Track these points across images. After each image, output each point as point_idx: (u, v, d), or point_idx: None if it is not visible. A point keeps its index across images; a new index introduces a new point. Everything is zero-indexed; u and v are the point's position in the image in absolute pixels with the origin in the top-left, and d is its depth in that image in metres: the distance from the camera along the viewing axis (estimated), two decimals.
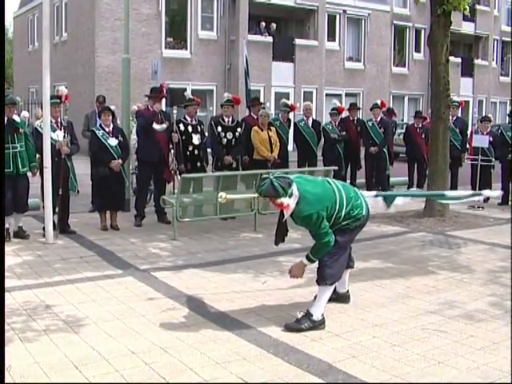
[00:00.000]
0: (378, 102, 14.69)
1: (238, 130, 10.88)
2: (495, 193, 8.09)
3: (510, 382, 4.48)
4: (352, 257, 6.20)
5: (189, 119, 10.63)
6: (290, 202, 5.29)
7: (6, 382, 4.08)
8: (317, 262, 5.60)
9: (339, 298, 6.20)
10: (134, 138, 11.77)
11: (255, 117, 11.62)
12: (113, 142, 9.67)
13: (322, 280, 5.57)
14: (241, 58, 23.97)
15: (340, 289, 6.15)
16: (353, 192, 5.72)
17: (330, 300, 5.79)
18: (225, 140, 10.72)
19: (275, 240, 5.99)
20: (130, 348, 5.01)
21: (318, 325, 5.52)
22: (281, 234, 5.86)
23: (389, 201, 6.51)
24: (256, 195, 6.05)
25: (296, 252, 8.08)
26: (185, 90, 13.68)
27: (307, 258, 5.56)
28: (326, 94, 29.64)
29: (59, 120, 9.42)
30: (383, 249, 8.84)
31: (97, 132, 9.69)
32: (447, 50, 11.14)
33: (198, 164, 10.59)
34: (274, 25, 28.90)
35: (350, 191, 5.69)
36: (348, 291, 6.30)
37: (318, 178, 6.00)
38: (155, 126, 10.16)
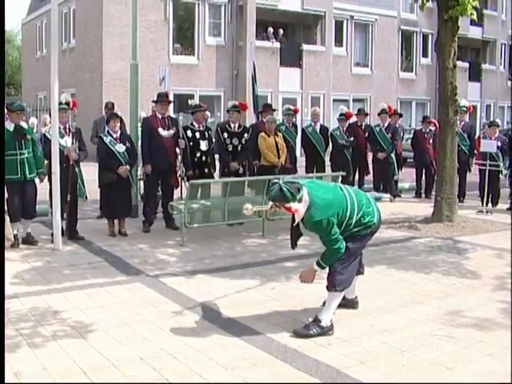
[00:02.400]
0: (385, 105, 14.70)
1: (245, 135, 10.88)
2: None
3: (510, 382, 4.46)
4: (362, 263, 6.19)
5: (196, 125, 10.63)
6: (299, 207, 5.29)
7: (6, 381, 4.08)
8: (327, 268, 5.59)
9: (348, 303, 6.17)
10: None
11: None
12: (120, 148, 9.69)
13: (331, 286, 5.55)
14: (248, 63, 24.00)
15: (349, 295, 6.12)
16: (365, 199, 5.69)
17: (339, 306, 5.78)
18: (231, 146, 10.71)
19: (291, 244, 6.01)
20: (139, 354, 5.01)
21: (327, 331, 5.51)
22: (296, 237, 5.89)
23: None
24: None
25: (304, 258, 8.07)
26: (191, 97, 13.71)
27: (317, 263, 5.55)
28: (334, 100, 29.64)
29: (67, 126, 9.45)
30: (391, 254, 8.82)
31: (104, 138, 9.71)
32: (455, 54, 11.11)
33: (206, 170, 10.58)
34: (281, 30, 28.95)
35: (362, 198, 5.66)
36: (356, 297, 6.28)
37: (330, 184, 5.95)
38: (162, 132, 10.18)
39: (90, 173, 10.53)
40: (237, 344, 5.29)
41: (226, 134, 10.73)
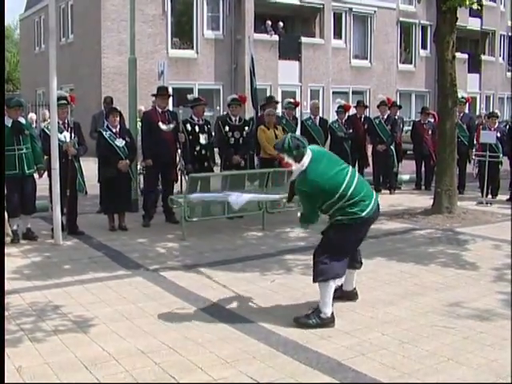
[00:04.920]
0: (384, 97, 14.69)
1: (246, 128, 10.89)
2: None
3: (510, 382, 4.45)
4: (359, 258, 6.13)
5: (196, 119, 10.62)
6: (291, 163, 5.42)
7: (6, 381, 4.09)
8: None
9: (347, 295, 6.18)
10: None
11: None
12: (120, 142, 9.68)
13: (315, 277, 5.57)
14: (247, 57, 23.97)
15: (347, 287, 6.13)
16: (365, 191, 5.56)
17: (338, 298, 5.79)
18: (232, 139, 10.73)
19: (288, 197, 6.15)
20: (140, 348, 5.02)
21: (328, 322, 5.51)
22: (291, 194, 5.99)
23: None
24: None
25: (303, 250, 8.09)
26: (190, 91, 13.69)
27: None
28: (333, 92, 29.65)
29: (66, 121, 9.44)
30: (391, 246, 8.82)
31: (104, 133, 9.70)
32: (453, 46, 11.09)
33: (206, 164, 10.58)
34: (280, 23, 28.90)
35: (361, 189, 5.53)
36: (355, 289, 6.27)
37: (339, 161, 5.72)
38: (162, 126, 10.18)
39: (89, 168, 10.53)
40: (237, 337, 5.30)
41: (227, 128, 10.74)
